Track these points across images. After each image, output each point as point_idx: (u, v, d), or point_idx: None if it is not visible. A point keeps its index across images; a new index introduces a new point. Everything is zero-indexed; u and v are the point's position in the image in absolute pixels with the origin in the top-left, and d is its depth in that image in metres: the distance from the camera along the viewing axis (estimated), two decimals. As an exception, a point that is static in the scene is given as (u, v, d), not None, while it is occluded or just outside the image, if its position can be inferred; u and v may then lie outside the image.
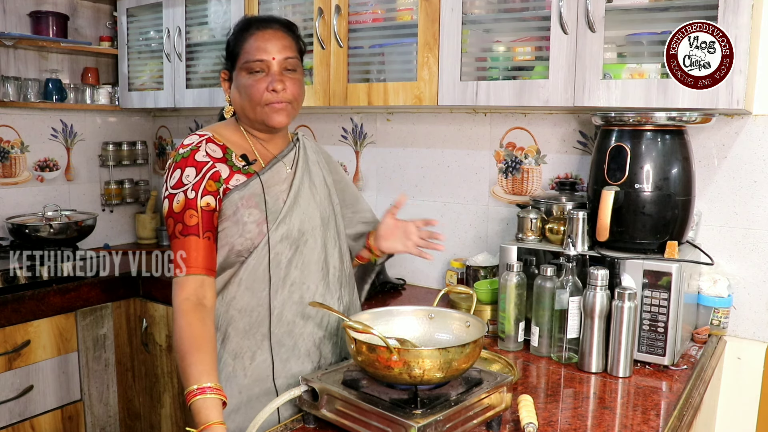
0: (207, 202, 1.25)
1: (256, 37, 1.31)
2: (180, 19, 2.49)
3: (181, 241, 1.24)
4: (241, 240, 1.28)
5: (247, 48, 1.31)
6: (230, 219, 1.28)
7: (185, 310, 1.21)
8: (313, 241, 1.36)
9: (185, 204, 1.24)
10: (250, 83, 1.31)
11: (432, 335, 1.26)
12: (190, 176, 1.26)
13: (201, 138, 1.31)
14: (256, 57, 1.30)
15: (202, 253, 1.24)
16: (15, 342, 2.12)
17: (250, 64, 1.30)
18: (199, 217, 1.24)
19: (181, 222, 1.24)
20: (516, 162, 2.08)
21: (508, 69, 1.78)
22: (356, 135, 2.43)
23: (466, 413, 1.08)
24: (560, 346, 1.54)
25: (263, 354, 1.32)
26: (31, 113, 2.69)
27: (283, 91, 1.30)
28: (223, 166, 1.29)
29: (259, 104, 1.31)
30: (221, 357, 1.33)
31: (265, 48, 1.30)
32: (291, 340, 1.33)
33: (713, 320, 1.72)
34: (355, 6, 1.99)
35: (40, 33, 2.62)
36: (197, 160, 1.27)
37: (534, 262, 1.64)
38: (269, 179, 1.32)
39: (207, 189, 1.26)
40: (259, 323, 1.31)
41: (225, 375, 1.32)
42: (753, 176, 1.69)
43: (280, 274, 1.31)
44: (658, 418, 1.24)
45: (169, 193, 1.26)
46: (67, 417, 2.30)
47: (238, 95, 1.34)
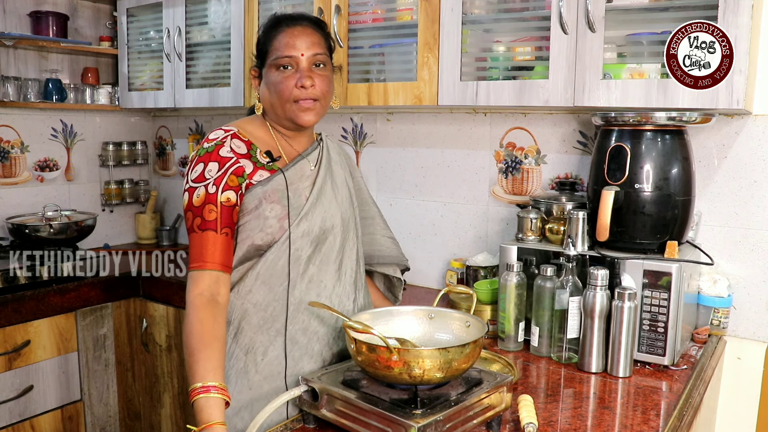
0: (227, 197, 1.25)
1: (285, 33, 1.32)
2: (180, 19, 2.49)
3: (198, 235, 1.24)
4: (262, 235, 1.28)
5: (276, 45, 1.32)
6: (252, 213, 1.28)
7: (198, 305, 1.20)
8: (332, 239, 1.36)
9: (205, 198, 1.24)
10: (279, 79, 1.31)
11: (432, 335, 1.26)
12: (213, 171, 1.26)
13: (226, 133, 1.31)
14: (285, 53, 1.30)
15: (219, 249, 1.24)
16: (15, 342, 2.12)
17: (279, 60, 1.31)
18: (219, 212, 1.24)
19: (200, 216, 1.24)
20: (516, 162, 2.08)
21: (508, 69, 1.78)
22: (356, 135, 2.43)
23: (466, 413, 1.08)
24: (560, 346, 1.54)
25: (276, 350, 1.31)
26: (31, 113, 2.69)
27: (312, 88, 1.31)
28: (246, 161, 1.29)
29: (288, 101, 1.31)
30: (233, 351, 1.32)
31: (293, 44, 1.31)
32: (305, 338, 1.33)
33: (713, 320, 1.72)
34: (355, 6, 1.99)
35: (40, 33, 2.62)
36: (221, 155, 1.27)
37: (534, 262, 1.64)
38: (293, 175, 1.32)
39: (228, 184, 1.26)
40: (273, 318, 1.31)
41: (236, 370, 1.31)
42: (753, 176, 1.69)
43: (299, 270, 1.31)
44: (658, 418, 1.24)
45: (189, 186, 1.26)
46: (67, 417, 2.30)
47: (268, 92, 1.35)
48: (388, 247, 1.59)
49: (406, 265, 1.63)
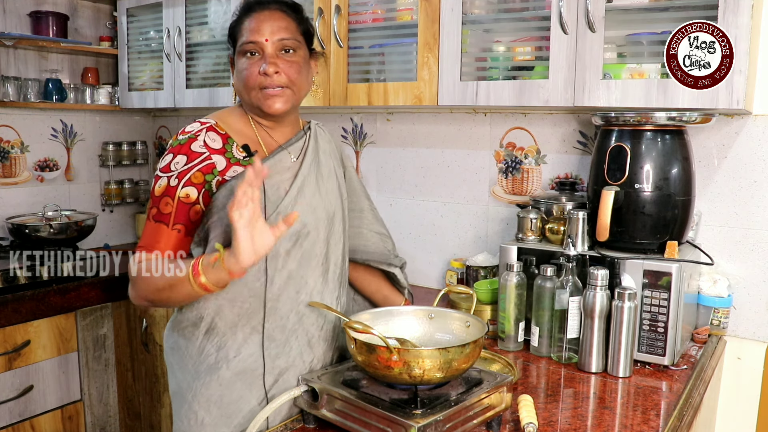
0: (187, 193, 1.22)
1: (252, 18, 1.28)
2: (180, 19, 2.49)
3: (151, 225, 1.24)
4: None
5: (242, 30, 1.29)
6: (224, 209, 1.20)
7: (141, 267, 1.23)
8: (315, 234, 1.31)
9: (165, 190, 1.23)
10: (244, 66, 1.28)
11: (432, 335, 1.26)
12: (179, 164, 1.23)
13: (202, 126, 1.29)
14: (249, 38, 1.26)
15: (172, 243, 1.23)
16: (15, 342, 2.12)
17: (245, 46, 1.27)
18: (174, 207, 1.22)
19: (157, 207, 1.23)
20: (516, 162, 2.08)
21: (508, 69, 1.78)
22: (356, 135, 2.43)
23: (466, 413, 1.08)
24: (560, 346, 1.54)
25: (250, 348, 1.27)
26: (31, 113, 2.69)
27: (277, 75, 1.26)
28: (219, 157, 1.25)
29: (254, 88, 1.27)
30: (203, 347, 1.28)
31: (258, 29, 1.26)
32: (283, 335, 1.28)
33: (713, 320, 1.72)
34: (355, 6, 1.99)
35: (40, 33, 2.62)
36: (192, 150, 1.24)
37: (534, 262, 1.64)
38: (270, 168, 1.25)
39: (191, 180, 1.23)
40: (249, 315, 1.26)
41: (205, 366, 1.27)
42: (753, 176, 1.69)
43: (277, 266, 1.26)
44: (658, 418, 1.24)
45: (156, 173, 1.26)
46: (67, 417, 2.30)
47: (237, 79, 1.31)
48: (374, 243, 1.53)
49: (394, 263, 1.54)
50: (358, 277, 1.56)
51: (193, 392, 1.28)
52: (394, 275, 1.55)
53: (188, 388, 1.29)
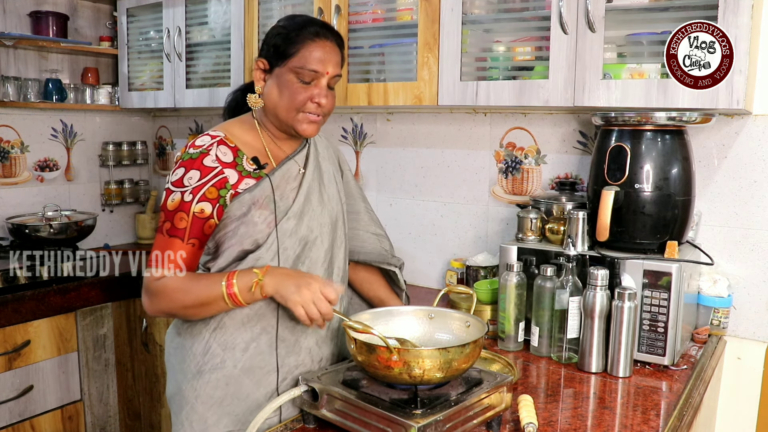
0: (201, 208, 1.24)
1: (317, 45, 1.28)
2: (180, 19, 2.49)
3: (165, 239, 1.25)
4: (251, 240, 1.27)
5: (305, 53, 1.27)
6: (240, 220, 1.26)
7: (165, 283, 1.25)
8: (321, 240, 1.35)
9: (179, 205, 1.24)
10: (296, 88, 1.28)
11: (432, 335, 1.26)
12: (193, 179, 1.24)
13: (213, 140, 1.29)
14: (313, 67, 1.27)
15: (186, 257, 1.25)
16: (15, 342, 2.12)
17: (305, 72, 1.27)
18: (189, 222, 1.24)
19: (171, 221, 1.24)
20: (516, 162, 2.08)
21: (508, 69, 1.78)
22: (356, 135, 2.43)
23: (466, 413, 1.08)
24: (560, 346, 1.54)
25: (260, 347, 1.30)
26: (31, 113, 2.69)
27: (324, 107, 1.31)
28: (231, 171, 1.27)
29: (297, 109, 1.29)
30: (209, 346, 1.30)
31: (323, 60, 1.28)
32: (293, 336, 1.32)
33: (713, 320, 1.72)
34: (355, 6, 1.99)
35: (40, 33, 2.62)
36: (204, 165, 1.25)
37: (534, 262, 1.64)
38: (279, 180, 1.30)
39: (206, 195, 1.24)
40: (259, 316, 1.30)
41: (211, 365, 1.29)
42: (753, 176, 1.69)
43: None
44: (658, 418, 1.24)
45: (168, 187, 1.26)
46: (67, 417, 2.30)
47: (277, 93, 1.30)
48: (370, 243, 1.56)
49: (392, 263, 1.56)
50: (356, 279, 1.58)
51: (196, 392, 1.30)
52: (395, 274, 1.57)
53: (190, 389, 1.30)
